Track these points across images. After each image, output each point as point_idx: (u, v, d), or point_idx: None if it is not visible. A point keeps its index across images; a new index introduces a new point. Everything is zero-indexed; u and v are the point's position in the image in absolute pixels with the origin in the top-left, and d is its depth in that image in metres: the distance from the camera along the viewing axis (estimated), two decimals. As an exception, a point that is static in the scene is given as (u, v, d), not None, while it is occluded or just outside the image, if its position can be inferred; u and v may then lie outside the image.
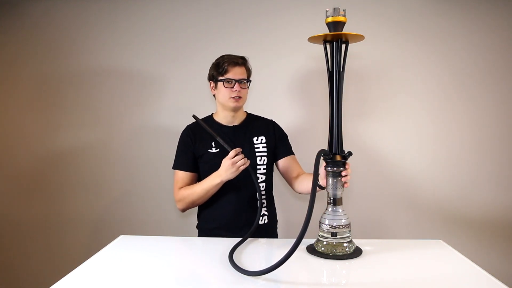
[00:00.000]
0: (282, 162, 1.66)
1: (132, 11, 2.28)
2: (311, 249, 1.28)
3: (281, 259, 1.02)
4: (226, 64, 1.53)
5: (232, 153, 1.44)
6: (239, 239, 1.34)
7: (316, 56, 2.18)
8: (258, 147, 1.61)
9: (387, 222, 2.24)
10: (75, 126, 2.34)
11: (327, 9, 1.23)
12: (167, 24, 2.27)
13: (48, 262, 2.38)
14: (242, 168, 1.44)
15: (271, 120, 1.72)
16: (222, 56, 1.58)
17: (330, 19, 1.23)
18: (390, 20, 2.18)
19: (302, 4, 2.20)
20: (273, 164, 1.68)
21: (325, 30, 1.25)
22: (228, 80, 1.52)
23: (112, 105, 2.32)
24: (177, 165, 1.60)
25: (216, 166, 1.49)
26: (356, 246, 1.28)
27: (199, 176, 1.61)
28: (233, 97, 1.53)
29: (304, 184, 1.56)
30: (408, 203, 2.23)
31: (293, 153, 1.69)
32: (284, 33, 2.21)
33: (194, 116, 1.57)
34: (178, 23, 2.27)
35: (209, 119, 1.66)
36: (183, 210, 1.60)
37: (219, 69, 1.54)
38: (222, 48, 2.25)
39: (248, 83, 1.59)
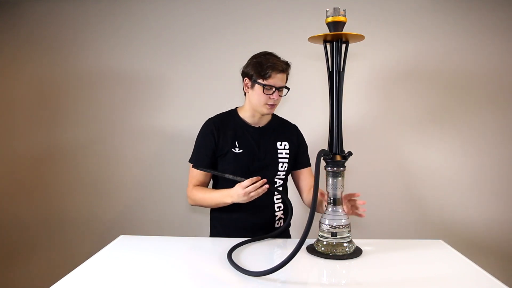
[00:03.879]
0: (299, 173, 1.64)
1: (133, 11, 2.28)
2: (311, 249, 1.28)
3: (284, 260, 1.02)
4: (270, 70, 1.42)
5: (246, 182, 1.35)
6: (241, 239, 1.35)
7: (316, 56, 2.18)
8: (281, 153, 1.56)
9: (387, 222, 2.24)
10: (75, 126, 2.34)
11: (327, 9, 1.23)
12: (168, 24, 2.27)
13: (48, 262, 2.38)
14: (254, 197, 1.36)
15: (295, 125, 1.67)
16: (265, 57, 1.45)
17: (330, 19, 1.23)
18: (390, 20, 2.18)
19: (302, 4, 2.20)
20: (290, 170, 1.63)
21: (325, 30, 1.25)
22: (269, 87, 1.44)
23: (113, 105, 2.32)
24: (194, 161, 1.54)
25: (238, 167, 1.46)
26: (356, 246, 1.28)
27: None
28: (268, 104, 1.46)
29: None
30: (408, 203, 2.23)
31: (310, 165, 1.66)
32: (284, 33, 2.21)
33: (202, 169, 1.49)
34: (178, 23, 2.27)
35: (234, 114, 1.57)
36: (193, 206, 1.59)
37: (262, 72, 1.42)
38: (223, 48, 2.26)
39: (287, 91, 1.50)
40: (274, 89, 1.44)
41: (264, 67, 1.43)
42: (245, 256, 1.24)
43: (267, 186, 1.36)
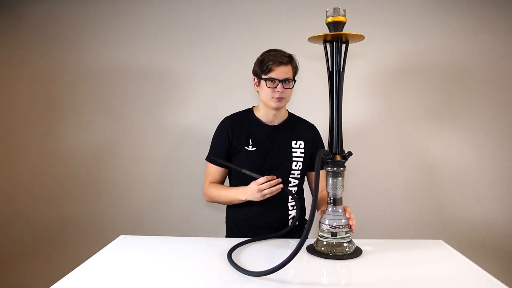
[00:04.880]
0: (312, 175, 1.62)
1: (136, 9, 2.28)
2: (311, 249, 1.28)
3: (284, 260, 1.02)
4: (270, 63, 1.44)
5: (261, 179, 1.36)
6: (242, 239, 1.35)
7: (316, 56, 2.18)
8: (296, 152, 1.55)
9: (387, 222, 2.24)
10: (75, 126, 2.34)
11: (327, 9, 1.23)
12: (170, 22, 2.27)
13: (48, 262, 2.38)
14: (268, 196, 1.37)
15: (312, 124, 1.66)
16: (268, 52, 1.49)
17: (330, 19, 1.23)
18: (390, 20, 2.18)
19: (302, 3, 2.20)
20: (306, 170, 1.61)
21: (325, 30, 1.25)
22: (272, 79, 1.45)
23: (113, 104, 2.32)
24: (209, 158, 1.58)
25: (250, 164, 1.47)
26: (356, 246, 1.28)
27: (231, 170, 1.60)
28: (275, 98, 1.46)
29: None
30: (408, 203, 2.23)
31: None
32: (284, 32, 2.21)
33: (219, 162, 1.52)
34: (180, 22, 2.27)
35: (250, 112, 1.59)
36: (209, 202, 1.61)
37: (263, 66, 1.46)
38: (223, 47, 2.26)
39: (293, 83, 1.50)
40: (277, 81, 1.45)
41: (265, 62, 1.46)
42: (245, 256, 1.24)
43: (281, 186, 1.37)
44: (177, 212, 2.33)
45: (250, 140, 1.52)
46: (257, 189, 1.36)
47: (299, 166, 1.55)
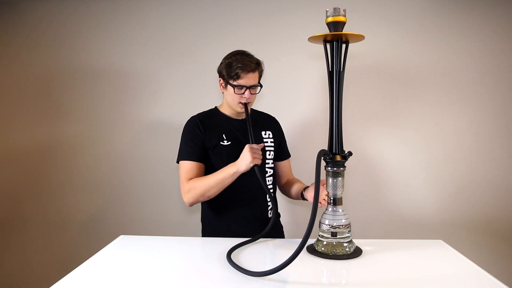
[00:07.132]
0: (281, 165, 1.70)
1: (131, 11, 2.28)
2: (311, 249, 1.28)
3: (286, 260, 1.02)
4: (239, 70, 1.43)
5: (256, 145, 1.40)
6: (243, 239, 1.35)
7: (316, 56, 2.19)
8: (267, 141, 1.60)
9: (387, 222, 2.24)
10: (75, 125, 2.34)
11: (327, 9, 1.23)
12: (167, 24, 2.27)
13: (48, 262, 2.38)
14: (256, 160, 1.36)
15: (273, 116, 1.73)
16: (236, 57, 1.47)
17: (330, 19, 1.23)
18: (390, 20, 2.18)
19: (302, 4, 2.20)
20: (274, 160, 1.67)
21: (325, 30, 1.25)
22: (240, 86, 1.46)
23: (112, 103, 2.32)
24: (184, 156, 1.50)
25: (227, 159, 1.46)
26: (356, 246, 1.28)
27: (211, 167, 1.53)
28: (241, 103, 1.49)
29: (292, 192, 1.62)
30: (408, 203, 2.23)
31: (290, 155, 1.74)
32: (285, 32, 2.21)
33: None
34: (178, 23, 2.27)
35: (215, 110, 1.62)
36: (191, 204, 1.48)
37: (231, 73, 1.45)
38: (222, 47, 2.26)
39: (259, 88, 1.52)
40: (245, 88, 1.47)
41: (233, 68, 1.45)
42: (245, 256, 1.24)
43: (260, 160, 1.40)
44: (177, 212, 2.33)
45: (224, 135, 1.53)
46: (249, 149, 1.36)
47: (272, 155, 1.61)
